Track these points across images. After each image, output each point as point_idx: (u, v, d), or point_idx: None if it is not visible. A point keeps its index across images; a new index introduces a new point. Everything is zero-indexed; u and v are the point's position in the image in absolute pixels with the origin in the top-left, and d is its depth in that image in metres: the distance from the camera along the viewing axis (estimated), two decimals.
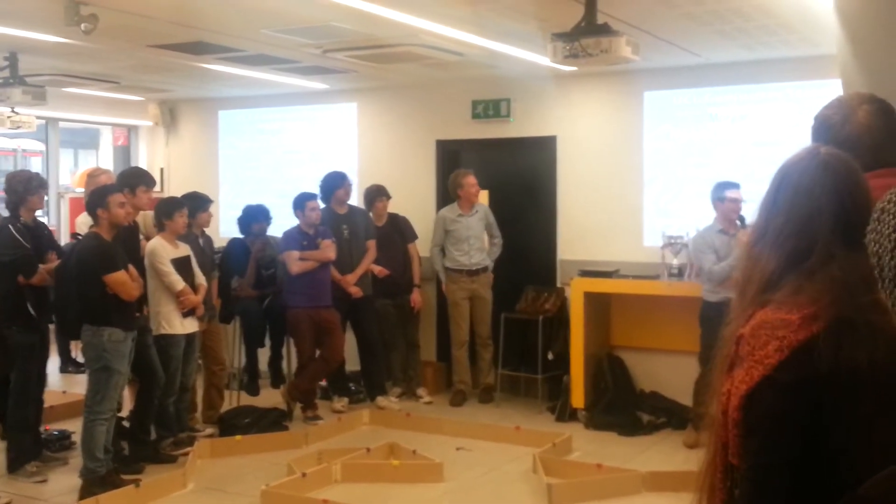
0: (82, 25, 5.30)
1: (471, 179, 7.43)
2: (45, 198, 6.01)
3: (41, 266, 5.40)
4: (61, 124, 10.44)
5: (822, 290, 1.62)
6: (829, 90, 3.21)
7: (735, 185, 6.17)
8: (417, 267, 7.63)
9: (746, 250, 1.82)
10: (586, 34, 4.85)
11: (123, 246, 5.45)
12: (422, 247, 7.72)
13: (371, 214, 7.55)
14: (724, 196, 6.13)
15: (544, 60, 6.86)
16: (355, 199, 7.78)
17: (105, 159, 11.90)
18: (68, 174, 13.12)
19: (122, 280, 5.19)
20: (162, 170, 9.70)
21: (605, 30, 4.87)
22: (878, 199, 2.06)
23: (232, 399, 7.03)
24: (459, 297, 7.43)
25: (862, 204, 1.81)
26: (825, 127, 2.17)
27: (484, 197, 7.72)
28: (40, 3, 5.35)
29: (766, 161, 5.83)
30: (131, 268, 5.35)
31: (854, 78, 3.24)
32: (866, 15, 3.27)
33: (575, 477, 5.42)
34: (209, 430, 6.36)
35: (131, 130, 10.45)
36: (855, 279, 1.66)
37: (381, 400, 7.21)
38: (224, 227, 8.70)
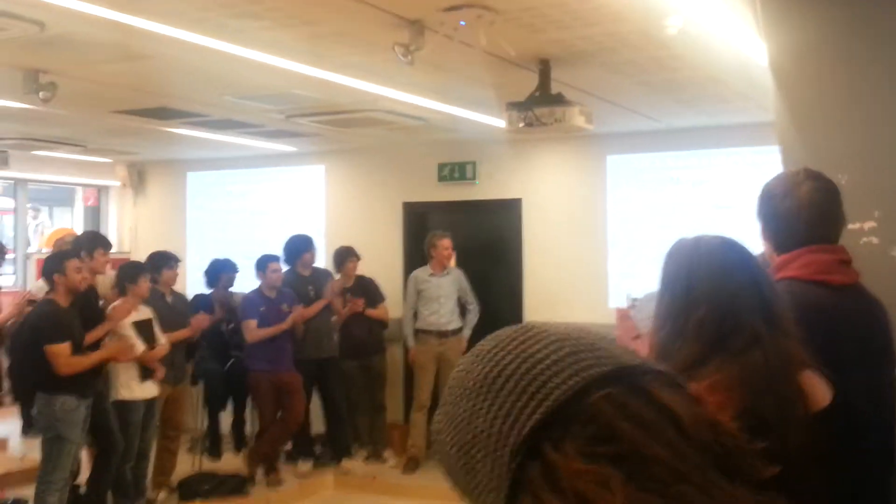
0: (40, 93, 5.35)
1: (445, 242, 7.37)
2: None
3: None
4: (35, 184, 10.44)
5: (739, 377, 1.63)
6: None
7: None
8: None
9: (652, 340, 1.83)
10: (540, 104, 4.91)
11: (82, 310, 5.41)
12: (388, 308, 7.69)
13: (339, 275, 7.52)
14: None
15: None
16: (322, 261, 7.78)
17: (78, 219, 11.88)
18: (42, 234, 13.08)
19: (59, 353, 5.08)
20: (130, 230, 9.70)
21: (558, 99, 4.93)
22: (822, 271, 2.09)
23: (194, 463, 6.92)
24: (426, 360, 7.30)
25: (770, 281, 1.84)
26: (768, 197, 2.22)
27: (451, 259, 7.73)
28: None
29: (726, 224, 5.89)
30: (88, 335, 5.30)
31: (792, 143, 3.31)
32: (802, 82, 3.34)
33: None
34: (162, 495, 6.23)
35: (101, 191, 10.44)
36: (776, 365, 1.67)
37: (346, 463, 7.13)
38: (191, 289, 8.65)
